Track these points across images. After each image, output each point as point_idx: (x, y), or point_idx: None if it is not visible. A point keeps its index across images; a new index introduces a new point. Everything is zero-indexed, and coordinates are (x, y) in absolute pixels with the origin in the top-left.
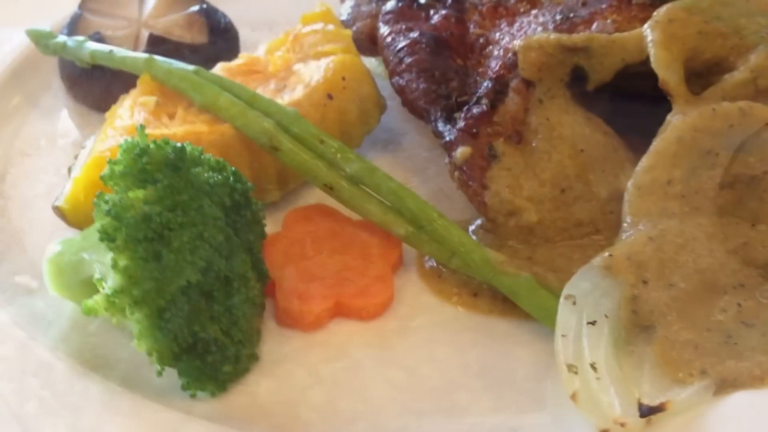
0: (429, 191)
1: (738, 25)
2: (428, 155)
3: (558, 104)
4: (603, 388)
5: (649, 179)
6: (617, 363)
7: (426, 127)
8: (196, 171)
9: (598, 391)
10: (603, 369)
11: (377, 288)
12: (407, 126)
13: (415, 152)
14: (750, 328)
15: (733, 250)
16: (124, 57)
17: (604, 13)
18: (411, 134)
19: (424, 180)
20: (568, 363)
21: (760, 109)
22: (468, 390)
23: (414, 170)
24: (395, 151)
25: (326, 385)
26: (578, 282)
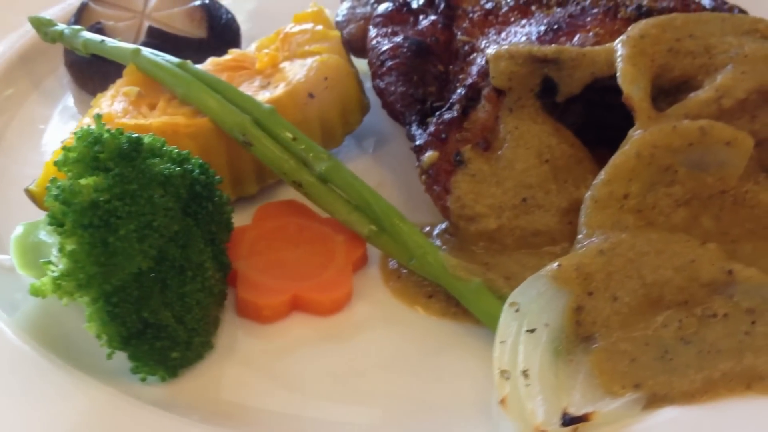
0: (403, 192)
1: (709, 44)
2: (408, 157)
3: (527, 114)
4: (530, 396)
5: (605, 192)
6: (553, 371)
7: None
8: (151, 162)
9: (525, 398)
10: (534, 376)
11: (335, 284)
12: (391, 127)
13: (395, 153)
14: (687, 345)
15: (681, 267)
16: (113, 47)
17: (587, 25)
18: (393, 135)
19: (400, 181)
20: (502, 368)
21: (721, 129)
22: (407, 388)
23: (391, 170)
24: (376, 150)
25: (275, 376)
26: (525, 290)
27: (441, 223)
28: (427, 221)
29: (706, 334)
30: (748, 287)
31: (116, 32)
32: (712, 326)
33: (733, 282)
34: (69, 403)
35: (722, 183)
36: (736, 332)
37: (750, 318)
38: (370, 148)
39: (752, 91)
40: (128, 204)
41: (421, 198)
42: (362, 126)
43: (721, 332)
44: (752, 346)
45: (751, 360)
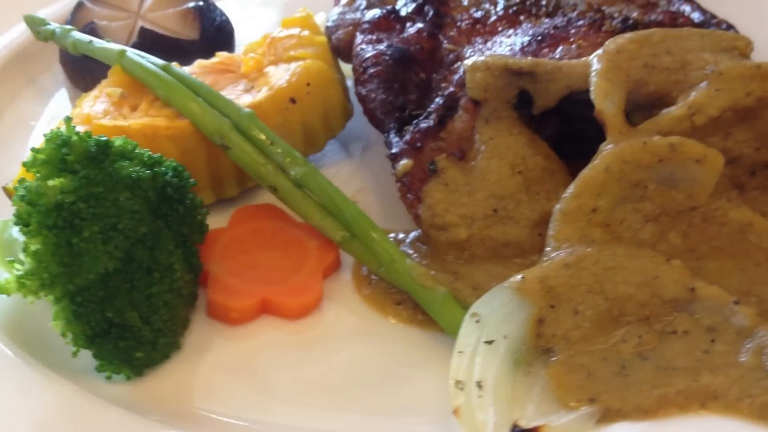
0: (383, 198)
1: (685, 60)
2: (389, 163)
3: (503, 125)
4: (482, 407)
5: (574, 206)
6: (510, 383)
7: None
8: (120, 165)
9: (477, 408)
10: (488, 388)
11: (305, 289)
12: (375, 133)
13: (379, 159)
14: (645, 361)
15: (644, 283)
16: (100, 48)
17: (570, 37)
18: (377, 141)
19: (381, 186)
20: (457, 379)
21: (691, 146)
22: (371, 394)
23: (373, 176)
24: (360, 156)
25: (241, 378)
26: (487, 301)
27: (416, 231)
28: (404, 228)
29: (665, 351)
30: (709, 305)
31: (109, 32)
32: (671, 343)
33: (695, 299)
34: (30, 399)
35: (692, 200)
36: (694, 350)
37: (710, 336)
38: (353, 153)
39: (725, 108)
40: (93, 206)
41: (400, 205)
42: (347, 131)
43: (680, 349)
44: (710, 365)
45: (708, 379)
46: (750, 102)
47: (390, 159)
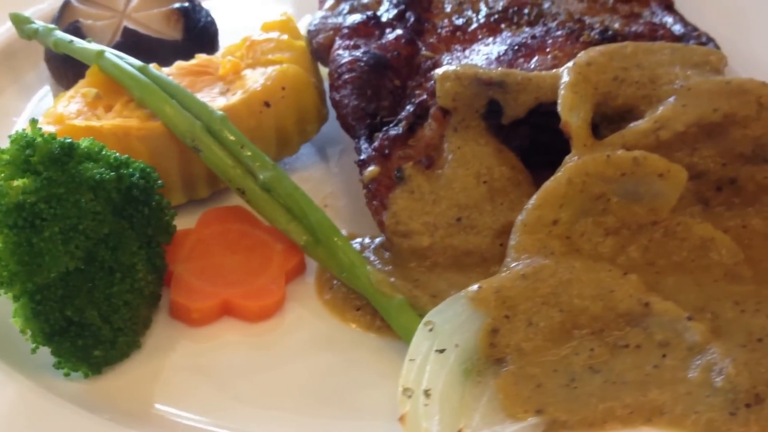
0: (352, 202)
1: (655, 74)
2: None
3: (471, 134)
4: (427, 415)
5: (535, 217)
6: (459, 392)
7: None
8: (84, 166)
9: (422, 416)
10: (436, 396)
11: (266, 292)
12: (350, 138)
13: (351, 164)
14: (595, 374)
15: (599, 296)
16: (79, 47)
17: (546, 47)
18: (352, 146)
19: (351, 191)
20: (406, 386)
21: (654, 161)
22: (324, 398)
23: (345, 181)
24: (334, 160)
25: (197, 378)
26: (442, 309)
27: (382, 237)
28: (372, 233)
29: (615, 365)
30: (662, 320)
31: (93, 31)
32: (622, 357)
33: (649, 314)
34: None
35: (654, 214)
36: (645, 364)
37: (661, 351)
38: (328, 157)
39: (692, 124)
40: (54, 207)
41: (366, 209)
42: (324, 135)
43: (631, 363)
44: (659, 380)
45: (655, 394)
46: (717, 118)
47: (358, 165)
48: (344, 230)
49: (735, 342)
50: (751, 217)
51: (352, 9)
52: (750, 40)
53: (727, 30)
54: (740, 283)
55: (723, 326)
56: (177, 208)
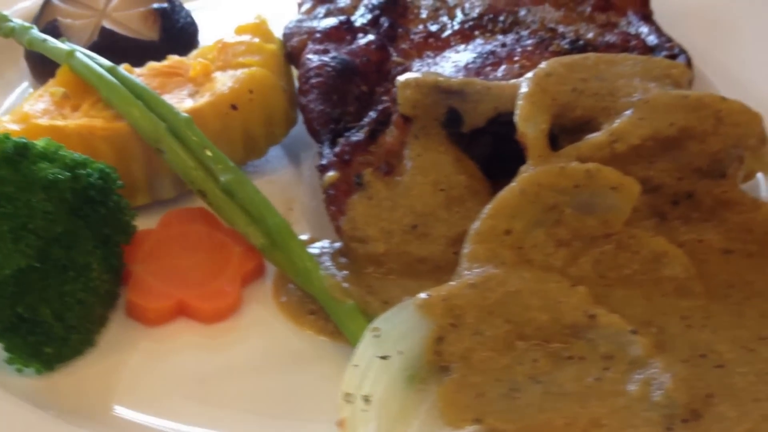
0: (316, 207)
1: (615, 87)
2: None
3: (431, 142)
4: (365, 421)
5: (488, 227)
6: (400, 399)
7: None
8: (39, 166)
9: (360, 422)
10: (375, 403)
11: (221, 294)
12: None
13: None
14: (536, 384)
15: (546, 307)
16: (52, 47)
17: (515, 56)
18: None
19: (316, 196)
20: (347, 391)
21: (608, 173)
22: (271, 401)
23: (311, 185)
24: (301, 164)
25: (148, 378)
26: (390, 316)
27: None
28: (333, 238)
29: (558, 376)
30: (607, 333)
31: (72, 30)
32: (565, 368)
33: (594, 326)
34: None
35: (607, 227)
36: (587, 376)
37: (604, 364)
38: (297, 160)
39: (647, 138)
40: (3, 206)
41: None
42: (294, 138)
43: (573, 375)
44: (599, 392)
45: (594, 406)
46: (673, 132)
47: (318, 170)
48: (307, 234)
49: (678, 357)
50: (708, 231)
51: (328, 13)
52: (730, 53)
53: (707, 42)
54: (690, 298)
55: (668, 341)
56: (142, 209)
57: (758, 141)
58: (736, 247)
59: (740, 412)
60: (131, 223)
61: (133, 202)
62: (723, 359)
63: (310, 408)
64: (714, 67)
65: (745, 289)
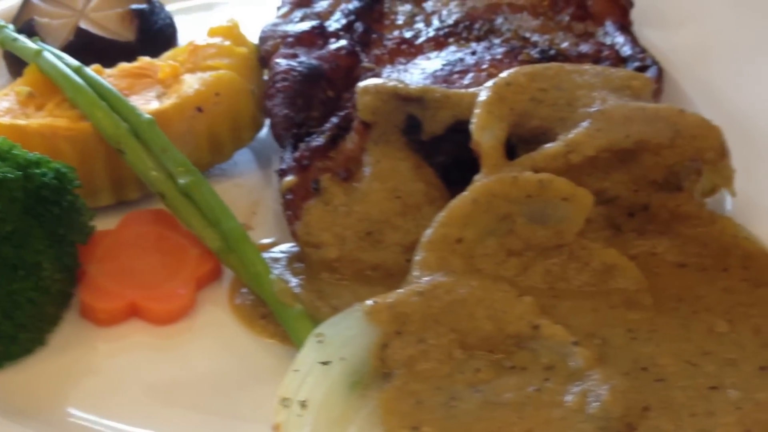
0: (280, 211)
1: (574, 97)
2: None
3: (390, 149)
4: (299, 426)
5: (440, 234)
6: (339, 405)
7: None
8: None
9: (294, 427)
10: (311, 408)
11: (173, 296)
12: None
13: None
14: (475, 394)
15: (491, 317)
16: (21, 46)
17: (483, 64)
18: None
19: (278, 200)
20: (284, 396)
21: (560, 184)
22: (217, 403)
23: (276, 189)
24: (268, 167)
25: (95, 378)
26: (336, 322)
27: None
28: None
29: (498, 386)
30: (550, 344)
31: (49, 30)
32: (506, 378)
33: (537, 337)
34: None
35: (559, 237)
36: (527, 387)
37: (545, 375)
38: (265, 164)
39: (603, 149)
40: None
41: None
42: (264, 142)
43: (513, 385)
44: (537, 403)
45: (530, 416)
46: (629, 144)
47: (278, 174)
48: (269, 238)
49: (619, 369)
50: (662, 244)
51: (304, 17)
52: (709, 66)
53: (687, 55)
54: (638, 310)
55: (610, 353)
56: (107, 209)
57: (717, 154)
58: (690, 261)
59: (676, 426)
60: (88, 223)
61: (97, 202)
62: (664, 373)
63: (255, 410)
64: (693, 80)
65: (694, 303)
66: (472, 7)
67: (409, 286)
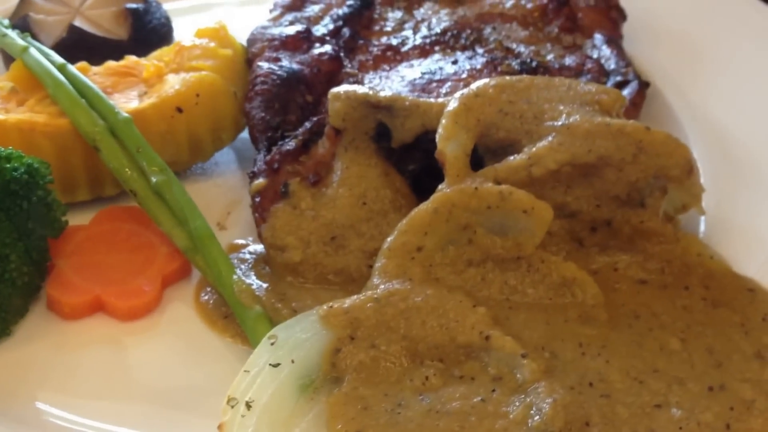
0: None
1: (541, 110)
2: None
3: (360, 155)
4: (243, 426)
5: (400, 242)
6: (286, 407)
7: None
8: None
9: (238, 427)
10: (256, 409)
11: (138, 293)
12: None
13: None
14: (422, 402)
15: (443, 326)
16: (9, 41)
17: (462, 75)
18: None
19: None
20: (231, 396)
21: (520, 196)
22: (172, 402)
23: None
24: (246, 169)
25: (56, 371)
26: (290, 325)
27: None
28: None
29: (445, 394)
30: (500, 355)
31: (44, 26)
32: (454, 387)
33: (488, 348)
34: None
35: (519, 249)
36: (473, 396)
37: (493, 385)
38: (245, 165)
39: (565, 163)
40: None
41: None
42: (246, 143)
43: (461, 394)
44: (481, 413)
45: (474, 426)
46: (591, 159)
47: (249, 176)
48: (242, 240)
49: (565, 383)
50: (624, 260)
51: (294, 21)
52: (698, 83)
53: (677, 70)
54: (592, 325)
55: (559, 366)
56: (85, 205)
57: (682, 172)
58: (652, 278)
59: None
60: (60, 218)
61: (74, 197)
62: (611, 389)
63: (209, 408)
64: (679, 96)
65: (650, 321)
66: (462, 16)
67: (367, 292)
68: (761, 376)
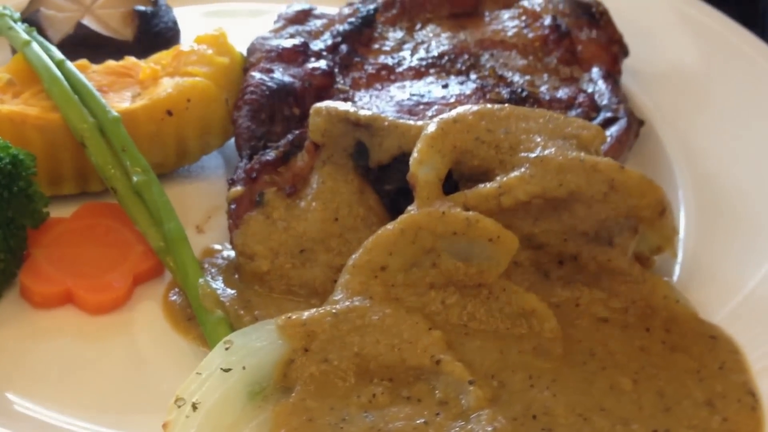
0: None
1: (518, 141)
2: None
3: (337, 172)
4: (185, 427)
5: (365, 260)
6: (233, 413)
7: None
8: None
9: (180, 427)
10: (201, 411)
11: (107, 288)
12: None
13: None
14: (365, 419)
15: (395, 346)
16: (13, 34)
17: (450, 100)
18: None
19: None
20: (179, 396)
21: (488, 224)
22: (128, 399)
23: None
24: (231, 174)
25: (22, 359)
26: (248, 332)
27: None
28: None
29: (390, 414)
30: (448, 380)
31: (53, 22)
32: (400, 407)
33: (437, 372)
34: None
35: (481, 276)
36: (417, 418)
37: (438, 409)
38: (231, 171)
39: (535, 195)
40: None
41: None
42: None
43: (405, 415)
44: None
45: None
46: (562, 193)
47: (228, 183)
48: (218, 244)
49: (509, 413)
50: (587, 296)
51: (295, 34)
52: (695, 123)
53: (675, 110)
54: (545, 358)
55: (505, 396)
56: (69, 198)
57: (653, 214)
58: (613, 317)
59: None
60: (41, 209)
61: (60, 190)
62: (554, 423)
63: (162, 405)
64: (673, 135)
65: (605, 360)
66: (462, 41)
67: (326, 307)
68: (708, 424)
